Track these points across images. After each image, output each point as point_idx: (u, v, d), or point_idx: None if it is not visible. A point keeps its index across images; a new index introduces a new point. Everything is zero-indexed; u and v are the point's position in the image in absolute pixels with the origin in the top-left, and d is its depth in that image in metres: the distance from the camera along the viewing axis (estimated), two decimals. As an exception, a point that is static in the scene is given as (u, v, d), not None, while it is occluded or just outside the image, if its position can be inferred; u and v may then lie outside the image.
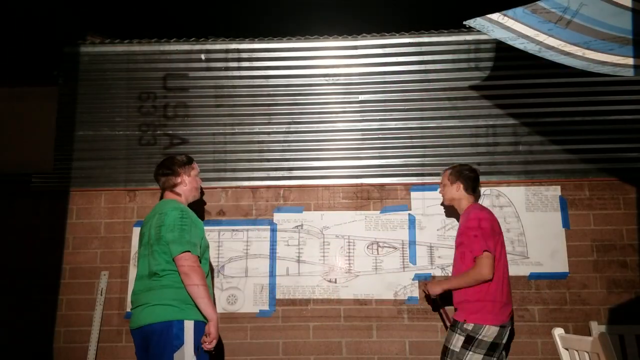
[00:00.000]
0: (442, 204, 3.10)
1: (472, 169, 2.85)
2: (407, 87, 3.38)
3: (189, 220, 2.43)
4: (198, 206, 3.29)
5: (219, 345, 2.47)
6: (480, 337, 2.50)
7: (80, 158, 3.38)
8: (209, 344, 2.28)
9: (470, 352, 2.50)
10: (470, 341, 2.52)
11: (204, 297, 2.30)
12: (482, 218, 2.63)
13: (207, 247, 2.58)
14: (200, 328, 2.32)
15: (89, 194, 3.34)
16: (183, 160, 2.65)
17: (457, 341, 2.57)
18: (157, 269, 2.37)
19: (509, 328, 2.59)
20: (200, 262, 2.42)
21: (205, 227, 3.22)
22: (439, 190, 2.96)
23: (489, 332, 2.50)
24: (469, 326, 2.53)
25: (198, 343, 2.28)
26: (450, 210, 3.20)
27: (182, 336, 2.26)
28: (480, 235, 2.56)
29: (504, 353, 2.62)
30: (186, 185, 2.61)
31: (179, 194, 2.60)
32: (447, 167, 2.92)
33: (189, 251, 2.34)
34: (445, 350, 2.62)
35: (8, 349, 3.13)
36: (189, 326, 2.29)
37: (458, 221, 2.84)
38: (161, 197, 2.66)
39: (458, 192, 2.79)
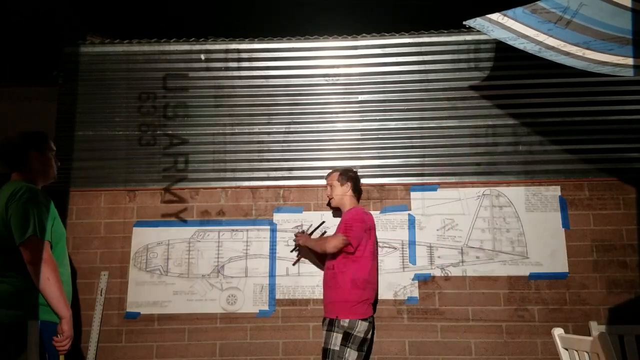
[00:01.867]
0: (328, 204, 3.17)
1: (356, 172, 3.09)
2: (407, 87, 3.38)
3: (36, 201, 2.08)
4: (197, 206, 3.30)
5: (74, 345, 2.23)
6: (355, 333, 2.66)
7: (80, 158, 3.38)
8: (61, 345, 2.04)
9: (348, 348, 2.66)
10: (347, 338, 2.66)
11: (55, 293, 2.01)
12: (359, 214, 2.85)
13: (63, 233, 2.26)
14: (46, 328, 2.05)
15: (88, 194, 3.34)
16: (35, 137, 2.27)
17: (336, 339, 2.69)
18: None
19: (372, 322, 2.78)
20: (53, 249, 2.12)
21: (206, 227, 3.24)
22: (327, 192, 3.08)
23: (361, 327, 2.68)
24: (345, 322, 2.67)
25: (43, 344, 2.02)
26: (450, 210, 3.21)
27: (25, 338, 2.00)
28: (349, 225, 2.80)
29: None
30: (39, 163, 2.24)
31: (28, 174, 2.23)
32: (331, 170, 3.08)
33: (35, 235, 2.01)
34: (326, 352, 2.70)
35: (8, 348, 3.13)
36: (33, 326, 2.02)
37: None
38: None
39: (347, 194, 2.98)
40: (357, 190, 3.02)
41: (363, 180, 3.27)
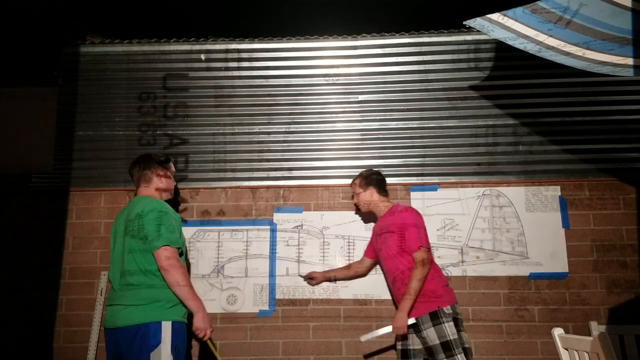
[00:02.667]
0: (356, 212, 3.19)
1: (378, 172, 3.00)
2: (407, 87, 3.38)
3: (168, 214, 2.39)
4: (197, 206, 3.29)
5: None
6: (460, 316, 2.62)
7: (80, 158, 3.38)
8: (202, 334, 2.32)
9: (462, 332, 2.58)
10: (457, 323, 2.57)
11: (189, 297, 2.33)
12: (412, 215, 2.75)
13: (184, 242, 2.54)
14: (178, 328, 2.30)
15: (88, 194, 3.34)
16: (161, 159, 2.61)
17: (450, 328, 2.56)
18: (130, 268, 2.33)
19: None
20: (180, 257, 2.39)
21: (206, 227, 3.25)
22: (353, 200, 3.04)
23: (459, 309, 2.64)
24: (449, 309, 2.58)
25: (175, 343, 2.26)
26: (450, 210, 3.20)
27: (160, 336, 2.24)
28: (419, 231, 2.69)
29: None
30: (162, 183, 2.56)
31: (154, 191, 2.54)
32: (354, 177, 3.02)
33: (168, 245, 2.30)
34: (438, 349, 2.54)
35: (8, 349, 3.13)
36: (166, 326, 2.26)
37: (404, 222, 2.75)
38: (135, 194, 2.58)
39: (372, 197, 2.91)
40: (385, 191, 2.95)
41: (363, 180, 3.27)
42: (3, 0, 3.52)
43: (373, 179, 2.93)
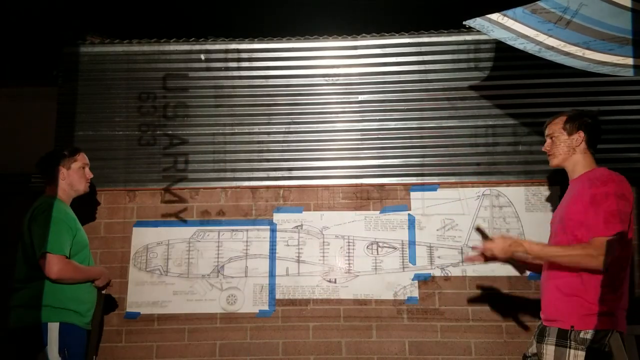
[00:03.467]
0: (552, 165, 2.31)
1: (597, 116, 2.21)
2: (407, 87, 3.38)
3: (50, 216, 2.37)
4: (197, 206, 3.30)
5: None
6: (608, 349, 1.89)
7: (80, 158, 3.38)
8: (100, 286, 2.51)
9: None
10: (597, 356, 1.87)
11: (82, 278, 2.43)
12: (623, 190, 1.97)
13: (86, 243, 2.58)
14: (66, 330, 2.30)
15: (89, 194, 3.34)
16: (63, 154, 2.62)
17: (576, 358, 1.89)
18: (19, 273, 2.40)
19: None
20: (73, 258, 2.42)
21: (206, 227, 3.24)
22: (544, 147, 2.30)
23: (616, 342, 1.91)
24: (587, 334, 1.91)
25: (64, 345, 2.26)
26: (450, 210, 3.20)
27: (45, 338, 2.25)
28: (614, 211, 1.91)
29: None
30: (64, 178, 2.57)
31: (55, 188, 2.56)
32: (560, 114, 2.23)
33: (49, 252, 2.31)
34: None
35: (8, 349, 3.13)
36: (52, 328, 2.27)
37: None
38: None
39: (579, 147, 2.15)
40: (595, 146, 2.17)
41: (363, 180, 3.27)
42: (3, 0, 3.52)
43: (587, 122, 2.16)
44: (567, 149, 2.19)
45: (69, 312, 2.34)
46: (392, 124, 3.35)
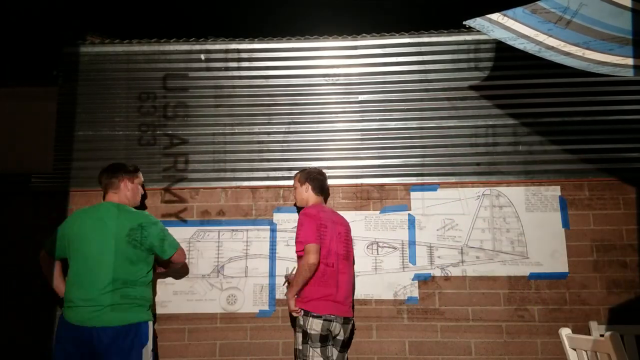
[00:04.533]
0: (294, 205, 3.18)
1: (320, 171, 3.03)
2: (407, 87, 3.38)
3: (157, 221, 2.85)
4: (197, 206, 3.29)
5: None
6: (307, 329, 2.63)
7: (80, 158, 3.38)
8: None
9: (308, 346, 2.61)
10: (305, 336, 2.64)
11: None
12: (305, 214, 2.80)
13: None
14: (152, 327, 2.64)
15: (89, 194, 3.33)
16: (129, 169, 2.90)
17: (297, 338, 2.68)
18: (128, 275, 2.62)
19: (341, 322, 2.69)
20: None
21: (206, 227, 3.26)
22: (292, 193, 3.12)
23: (313, 324, 2.62)
24: (300, 320, 2.67)
25: (154, 340, 2.65)
26: (450, 210, 3.20)
27: (148, 335, 2.57)
28: (301, 229, 2.74)
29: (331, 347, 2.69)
30: (128, 190, 2.86)
31: (118, 196, 2.84)
32: (296, 172, 3.08)
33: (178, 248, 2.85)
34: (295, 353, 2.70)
35: (8, 348, 3.13)
36: (150, 326, 2.60)
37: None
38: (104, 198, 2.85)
39: (307, 193, 2.97)
40: (319, 190, 2.98)
41: (363, 180, 3.27)
42: (3, 0, 3.52)
43: (312, 176, 2.99)
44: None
45: (151, 311, 2.67)
46: (392, 124, 3.35)
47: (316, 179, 2.97)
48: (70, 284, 2.58)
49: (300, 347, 2.63)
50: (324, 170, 3.08)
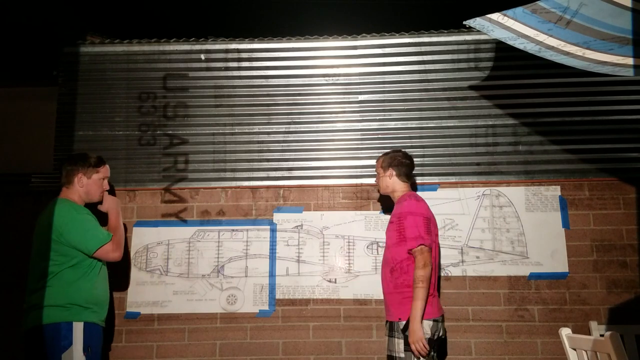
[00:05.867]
0: (378, 192, 3.01)
1: (406, 155, 2.79)
2: (407, 87, 3.38)
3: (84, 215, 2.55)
4: (197, 206, 3.30)
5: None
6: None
7: (80, 158, 3.38)
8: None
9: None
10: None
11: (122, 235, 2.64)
12: (419, 207, 2.55)
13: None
14: (90, 329, 2.38)
15: (88, 194, 3.34)
16: (88, 162, 2.68)
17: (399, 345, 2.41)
18: (37, 272, 2.44)
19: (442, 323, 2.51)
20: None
21: (206, 227, 3.25)
22: (375, 180, 2.89)
23: (425, 328, 2.39)
24: (402, 324, 2.42)
25: (88, 343, 2.33)
26: (450, 210, 3.20)
27: (71, 337, 2.30)
28: (415, 226, 2.47)
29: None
30: (82, 186, 2.65)
31: (71, 192, 2.64)
32: (380, 156, 2.85)
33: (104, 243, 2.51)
34: None
35: (8, 349, 3.13)
36: (77, 327, 2.34)
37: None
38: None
39: (391, 180, 2.72)
40: (406, 176, 2.72)
41: (363, 180, 3.28)
42: (3, 1, 3.52)
43: (397, 160, 2.73)
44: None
45: (90, 312, 2.41)
46: (391, 124, 3.35)
47: (402, 164, 2.72)
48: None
49: (403, 355, 2.39)
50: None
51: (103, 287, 2.58)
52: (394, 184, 2.73)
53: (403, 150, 2.87)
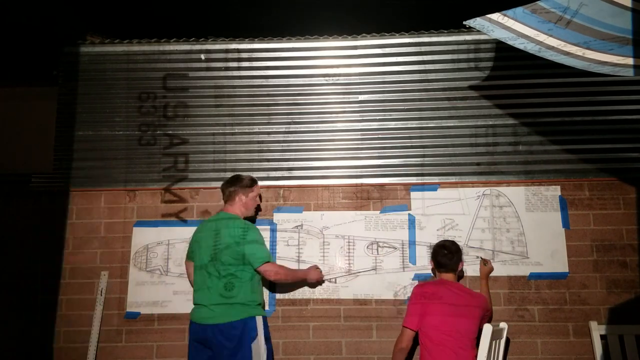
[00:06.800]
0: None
1: (443, 246, 2.86)
2: (407, 87, 3.38)
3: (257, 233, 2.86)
4: (197, 206, 3.30)
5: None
6: None
7: (80, 158, 3.38)
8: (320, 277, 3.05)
9: None
10: None
11: (290, 279, 2.96)
12: (412, 295, 2.80)
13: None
14: (264, 321, 2.71)
15: (89, 194, 3.34)
16: (245, 184, 2.96)
17: None
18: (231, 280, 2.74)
19: None
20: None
21: (205, 227, 3.23)
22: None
23: None
24: None
25: (266, 334, 2.68)
26: (450, 210, 3.20)
27: (256, 329, 2.65)
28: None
29: None
30: (242, 204, 2.92)
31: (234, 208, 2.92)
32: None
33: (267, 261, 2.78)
34: None
35: (8, 349, 3.13)
36: (259, 321, 2.66)
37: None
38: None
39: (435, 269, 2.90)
40: (437, 265, 2.85)
41: (363, 180, 3.28)
42: (3, 0, 3.52)
43: (434, 250, 2.89)
44: None
45: (261, 307, 2.75)
46: (392, 124, 3.35)
47: (435, 253, 2.87)
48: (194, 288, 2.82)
49: None
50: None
51: (261, 283, 2.87)
52: (436, 273, 2.89)
53: (445, 241, 2.93)
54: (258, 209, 3.20)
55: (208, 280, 2.71)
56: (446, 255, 2.80)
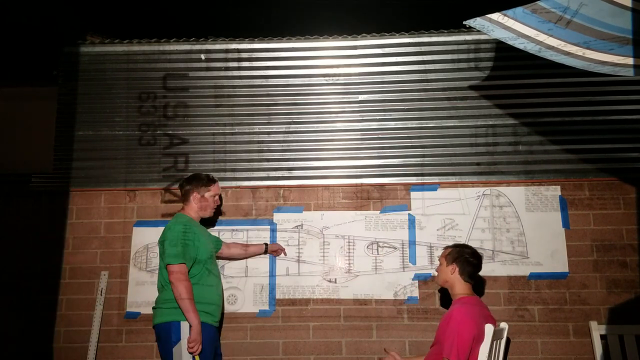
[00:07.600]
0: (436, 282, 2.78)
1: (475, 253, 2.54)
2: (407, 87, 3.38)
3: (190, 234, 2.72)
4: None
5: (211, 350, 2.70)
6: None
7: (80, 158, 3.38)
8: (190, 347, 2.54)
9: None
10: None
11: (188, 310, 2.58)
12: (463, 322, 2.30)
13: (210, 257, 2.82)
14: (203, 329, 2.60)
15: (89, 194, 3.34)
16: (202, 179, 2.90)
17: None
18: (160, 277, 2.75)
19: None
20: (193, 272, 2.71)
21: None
22: (434, 270, 2.82)
23: None
24: None
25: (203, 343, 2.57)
26: (450, 210, 3.20)
27: (179, 334, 2.55)
28: (454, 340, 2.26)
29: None
30: (197, 203, 2.85)
31: (187, 208, 2.87)
32: (449, 245, 2.65)
33: (173, 263, 2.63)
34: None
35: (8, 349, 3.13)
36: (184, 326, 2.57)
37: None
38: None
39: (452, 276, 2.50)
40: (469, 275, 2.48)
41: (363, 180, 3.28)
42: (3, 0, 3.52)
43: (463, 257, 2.50)
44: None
45: (199, 312, 2.62)
46: (392, 124, 3.35)
47: (468, 263, 2.48)
48: None
49: None
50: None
51: (213, 289, 2.79)
52: (455, 280, 2.50)
53: (473, 248, 2.61)
54: (219, 211, 3.13)
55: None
56: (477, 266, 2.53)
